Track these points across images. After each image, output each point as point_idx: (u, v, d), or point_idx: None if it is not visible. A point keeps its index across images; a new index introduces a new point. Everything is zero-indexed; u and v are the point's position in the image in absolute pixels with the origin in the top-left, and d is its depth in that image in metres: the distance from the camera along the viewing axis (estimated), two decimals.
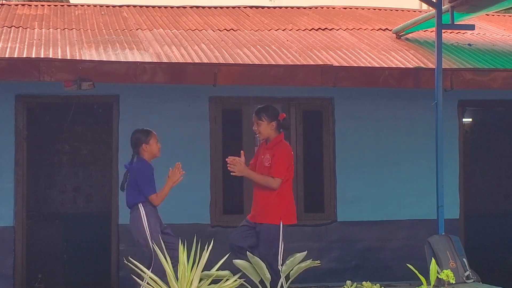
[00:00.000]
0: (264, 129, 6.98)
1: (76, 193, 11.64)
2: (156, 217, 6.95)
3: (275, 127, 7.00)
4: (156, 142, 7.11)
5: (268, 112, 7.02)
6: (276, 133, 7.01)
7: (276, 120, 7.01)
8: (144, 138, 7.06)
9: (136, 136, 7.11)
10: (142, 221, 6.86)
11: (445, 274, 6.01)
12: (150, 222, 6.85)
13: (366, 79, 8.54)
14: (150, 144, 7.05)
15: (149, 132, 7.11)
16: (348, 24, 11.04)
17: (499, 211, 12.14)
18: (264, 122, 6.97)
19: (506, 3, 9.17)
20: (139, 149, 7.06)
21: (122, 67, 7.93)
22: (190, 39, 9.47)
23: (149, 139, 7.05)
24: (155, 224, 6.87)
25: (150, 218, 6.87)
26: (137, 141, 7.08)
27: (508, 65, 9.01)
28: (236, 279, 5.04)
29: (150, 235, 6.79)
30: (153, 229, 6.83)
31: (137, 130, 7.18)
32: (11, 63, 7.82)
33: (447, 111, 8.68)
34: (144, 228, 6.84)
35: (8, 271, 8.66)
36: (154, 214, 6.94)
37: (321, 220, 9.33)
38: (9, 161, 8.74)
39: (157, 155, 7.13)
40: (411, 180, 9.40)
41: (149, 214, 6.89)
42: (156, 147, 7.10)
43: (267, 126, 6.97)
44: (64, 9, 11.19)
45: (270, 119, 6.98)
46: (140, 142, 7.05)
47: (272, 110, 7.08)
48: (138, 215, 6.90)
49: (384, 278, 8.16)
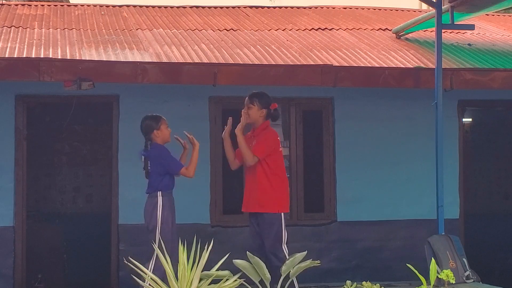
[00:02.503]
0: (254, 113, 7.04)
1: (76, 193, 11.64)
2: (171, 211, 6.98)
3: (264, 114, 7.07)
4: (167, 127, 7.14)
5: (262, 99, 7.09)
6: (263, 120, 7.09)
7: (267, 108, 7.08)
8: (155, 124, 7.08)
9: (146, 123, 7.12)
10: (157, 209, 6.90)
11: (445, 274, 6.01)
12: (164, 213, 6.89)
13: (366, 79, 8.54)
14: (161, 130, 7.08)
15: (159, 118, 7.13)
16: (348, 24, 11.04)
17: (499, 211, 12.13)
18: (255, 107, 7.04)
19: (506, 3, 9.17)
20: (150, 135, 7.08)
21: (122, 67, 7.94)
22: (190, 39, 9.48)
23: (160, 124, 7.08)
24: (167, 216, 6.90)
25: (165, 209, 6.91)
26: (147, 128, 7.09)
27: (508, 65, 9.01)
28: (236, 279, 5.04)
29: (160, 225, 6.84)
30: (165, 221, 6.87)
31: (147, 117, 7.18)
32: (11, 63, 7.83)
33: (447, 111, 8.67)
34: (157, 216, 6.87)
35: (8, 271, 8.65)
36: (170, 207, 6.98)
37: (321, 220, 9.33)
38: (9, 161, 8.74)
39: (168, 140, 7.16)
40: (411, 180, 9.40)
41: (166, 205, 6.94)
42: (167, 132, 7.13)
43: (257, 112, 7.04)
44: (64, 9, 11.19)
45: (261, 106, 7.05)
46: (152, 129, 7.07)
47: (266, 98, 7.13)
48: (154, 203, 6.94)
49: (384, 278, 8.16)
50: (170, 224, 6.93)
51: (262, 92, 7.20)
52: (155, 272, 5.71)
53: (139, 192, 8.53)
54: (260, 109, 7.04)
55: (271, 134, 7.08)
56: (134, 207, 8.70)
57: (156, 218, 6.88)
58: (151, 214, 6.93)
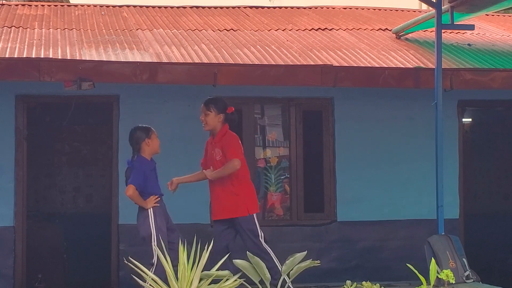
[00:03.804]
0: (212, 120, 7.09)
1: (76, 193, 11.64)
2: (163, 216, 6.99)
3: (222, 119, 7.11)
4: (156, 137, 7.17)
5: (217, 104, 7.13)
6: (222, 125, 7.12)
7: (224, 113, 7.11)
8: (145, 135, 7.08)
9: (137, 135, 7.12)
10: (149, 218, 6.90)
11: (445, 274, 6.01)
12: (157, 221, 6.90)
13: (366, 79, 8.55)
14: (152, 139, 7.09)
15: (149, 129, 7.15)
16: (348, 24, 11.04)
17: (499, 211, 12.13)
18: (212, 113, 7.09)
19: (506, 3, 9.17)
20: (140, 146, 7.08)
21: (122, 67, 7.94)
22: (190, 39, 9.48)
23: (151, 134, 7.10)
24: (161, 223, 6.91)
25: (157, 217, 6.92)
26: (138, 139, 7.10)
27: (508, 65, 9.01)
28: (236, 279, 5.04)
29: (156, 234, 6.84)
30: (159, 228, 6.87)
31: (137, 128, 7.19)
32: (11, 63, 7.83)
33: (447, 111, 8.67)
34: (150, 225, 6.88)
35: (8, 271, 8.65)
36: (162, 213, 6.99)
37: (321, 220, 9.33)
38: (9, 161, 8.74)
39: (157, 151, 7.18)
40: (411, 180, 9.40)
41: (157, 212, 6.94)
42: (157, 142, 7.15)
43: (214, 118, 7.09)
44: (64, 9, 11.19)
45: (218, 111, 7.09)
46: (142, 139, 7.07)
47: (221, 102, 7.17)
48: (145, 213, 6.95)
49: (384, 278, 8.16)
50: (165, 230, 6.93)
51: (217, 97, 7.25)
52: (157, 273, 5.70)
53: None
54: (218, 114, 7.09)
55: (234, 137, 7.14)
56: (134, 207, 8.66)
57: (149, 228, 6.89)
58: (143, 223, 6.94)
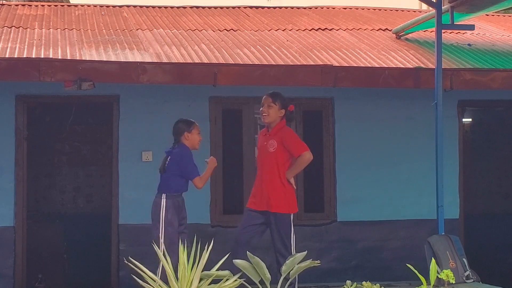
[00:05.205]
0: (274, 112, 7.15)
1: (76, 193, 11.64)
2: (175, 212, 7.03)
3: (282, 115, 7.19)
4: (198, 133, 7.28)
5: (282, 99, 7.22)
6: (280, 120, 7.20)
7: (285, 109, 7.21)
8: (187, 127, 7.20)
9: (178, 126, 7.25)
10: (160, 212, 6.98)
11: (445, 274, 6.01)
12: (167, 216, 6.97)
13: (366, 79, 8.55)
14: (192, 133, 7.20)
15: (192, 123, 7.27)
16: (348, 24, 11.04)
17: (499, 211, 12.13)
18: (276, 106, 7.15)
19: (506, 3, 9.17)
20: (180, 137, 7.18)
21: (122, 67, 7.94)
22: (190, 39, 9.48)
23: (192, 128, 7.21)
24: (171, 219, 6.97)
25: (168, 212, 6.98)
26: (179, 129, 7.22)
27: (508, 65, 9.01)
28: (236, 279, 5.04)
29: (164, 228, 6.92)
30: (168, 223, 6.94)
31: (181, 120, 7.32)
32: (11, 63, 7.83)
33: (447, 111, 8.67)
34: (160, 219, 6.96)
35: (8, 271, 8.66)
36: (174, 209, 7.03)
37: (321, 220, 9.34)
38: (9, 161, 8.75)
39: (196, 147, 7.28)
40: (411, 180, 9.40)
41: (169, 207, 7.00)
42: (197, 137, 7.27)
43: (277, 111, 7.15)
44: (64, 9, 11.19)
45: (281, 106, 7.18)
46: (183, 131, 7.19)
47: (285, 99, 7.27)
48: (158, 204, 7.03)
49: (384, 278, 8.16)
50: (176, 226, 6.98)
51: (281, 93, 7.32)
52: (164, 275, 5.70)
53: (139, 192, 8.58)
54: (280, 109, 7.17)
55: (292, 131, 7.34)
56: (134, 207, 8.73)
57: (159, 220, 6.97)
58: (155, 215, 7.04)
